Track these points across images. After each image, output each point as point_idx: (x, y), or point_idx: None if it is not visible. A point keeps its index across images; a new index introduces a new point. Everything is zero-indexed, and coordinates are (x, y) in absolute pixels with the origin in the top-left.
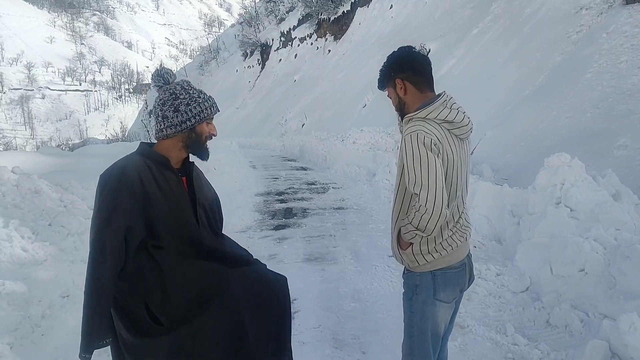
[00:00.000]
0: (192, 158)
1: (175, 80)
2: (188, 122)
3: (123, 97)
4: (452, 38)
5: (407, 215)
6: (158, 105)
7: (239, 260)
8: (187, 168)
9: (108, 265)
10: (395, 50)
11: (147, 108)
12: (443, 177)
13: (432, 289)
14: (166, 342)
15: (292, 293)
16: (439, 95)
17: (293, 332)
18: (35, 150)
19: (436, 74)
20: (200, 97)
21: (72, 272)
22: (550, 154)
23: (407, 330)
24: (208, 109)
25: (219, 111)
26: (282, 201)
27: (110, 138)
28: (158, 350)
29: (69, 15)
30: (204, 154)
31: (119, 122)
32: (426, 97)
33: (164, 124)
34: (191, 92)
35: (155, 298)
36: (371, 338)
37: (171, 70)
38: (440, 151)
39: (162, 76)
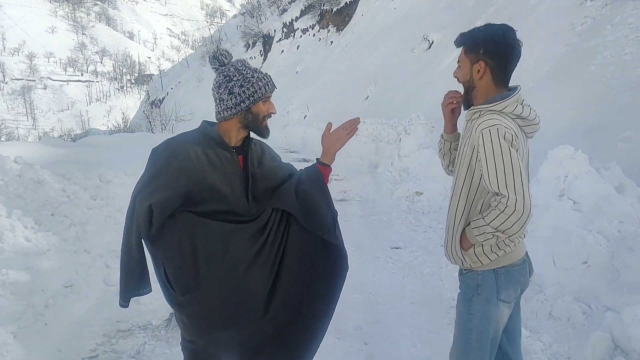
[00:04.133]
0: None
1: (231, 61)
2: (242, 104)
3: (125, 88)
4: (456, 29)
5: (484, 216)
6: (214, 88)
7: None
8: (246, 146)
9: (134, 231)
10: (499, 25)
11: (148, 99)
12: (527, 175)
13: (495, 289)
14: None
15: None
16: (514, 89)
17: None
18: (38, 140)
19: (439, 66)
20: (254, 77)
21: (75, 262)
22: (554, 147)
23: (462, 333)
24: (262, 88)
25: (275, 88)
26: None
27: (112, 129)
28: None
29: (71, 5)
30: (263, 132)
31: (120, 112)
32: (499, 92)
33: (221, 106)
34: (245, 72)
35: (172, 265)
36: (373, 329)
37: (227, 51)
38: (519, 148)
39: (217, 58)
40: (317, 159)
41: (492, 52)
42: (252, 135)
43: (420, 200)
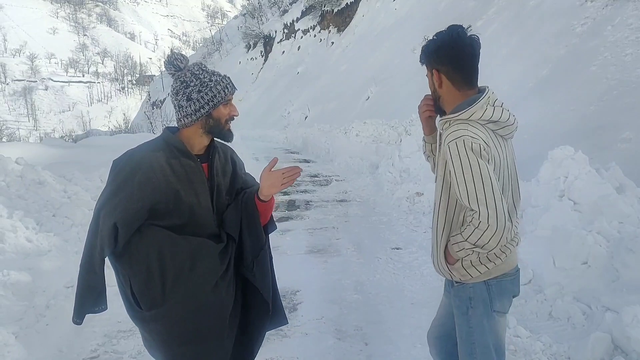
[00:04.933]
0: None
1: (187, 66)
2: (202, 110)
3: (126, 89)
4: None
5: (462, 232)
6: (172, 94)
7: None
8: (210, 154)
9: (97, 248)
10: (445, 30)
11: (149, 100)
12: (499, 186)
13: (488, 300)
14: (148, 319)
15: (295, 285)
16: (482, 91)
17: (296, 323)
18: (39, 141)
19: None
20: (212, 81)
21: (76, 263)
22: (554, 147)
23: (466, 348)
24: (221, 91)
25: (235, 90)
26: (284, 193)
27: (113, 130)
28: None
29: (72, 6)
30: (227, 136)
31: (121, 113)
32: (465, 96)
33: (180, 113)
34: (202, 77)
35: (138, 280)
36: (374, 329)
37: (182, 55)
38: (490, 157)
39: (173, 63)
40: (257, 192)
41: (441, 58)
42: (217, 140)
43: (420, 200)
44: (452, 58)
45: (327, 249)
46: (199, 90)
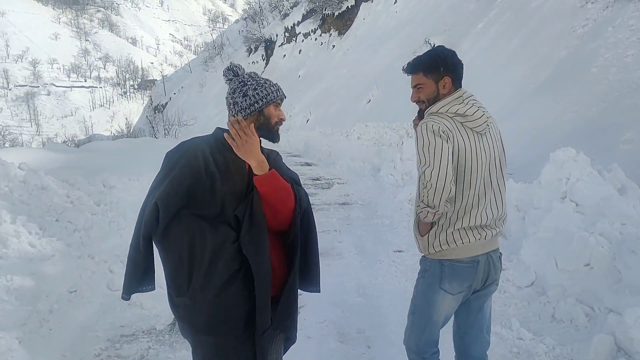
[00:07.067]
0: (265, 143)
1: (243, 73)
2: (256, 105)
3: (128, 94)
4: (457, 32)
5: (419, 195)
6: (229, 94)
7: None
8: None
9: (142, 225)
10: (440, 47)
11: (151, 104)
12: (450, 158)
13: (439, 277)
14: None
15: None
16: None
17: (298, 326)
18: (42, 146)
19: None
20: (266, 83)
21: (79, 268)
22: (556, 149)
23: (410, 306)
24: (274, 92)
25: (285, 97)
26: None
27: (116, 134)
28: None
29: (74, 11)
30: (274, 137)
31: (124, 118)
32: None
33: (235, 109)
34: (258, 79)
35: (170, 266)
36: (376, 332)
37: (240, 65)
38: (451, 139)
39: (232, 70)
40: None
41: (453, 68)
42: (263, 144)
43: None
44: (459, 68)
45: (329, 252)
46: (254, 88)
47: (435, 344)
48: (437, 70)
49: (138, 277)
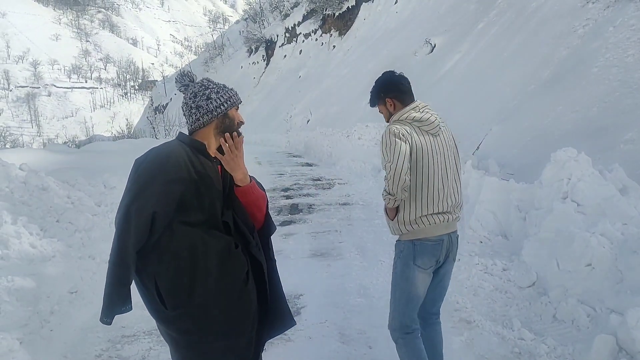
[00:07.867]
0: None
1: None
2: (222, 107)
3: (128, 94)
4: (458, 33)
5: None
6: (190, 98)
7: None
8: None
9: (131, 242)
10: (381, 75)
11: (152, 105)
12: (407, 156)
13: (412, 255)
14: (172, 320)
15: (298, 288)
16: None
17: (300, 327)
18: (42, 147)
19: (441, 69)
20: (225, 87)
21: (80, 268)
22: (557, 149)
23: (391, 288)
24: (235, 95)
25: (241, 102)
26: (287, 197)
27: (116, 135)
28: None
29: (74, 12)
30: None
31: (124, 119)
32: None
33: (199, 112)
34: (217, 83)
35: (166, 277)
36: (377, 333)
37: (192, 72)
38: (409, 141)
39: (188, 75)
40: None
41: (388, 90)
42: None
43: None
44: (396, 85)
45: (330, 253)
46: (217, 91)
47: (417, 322)
48: (380, 97)
49: (123, 296)
